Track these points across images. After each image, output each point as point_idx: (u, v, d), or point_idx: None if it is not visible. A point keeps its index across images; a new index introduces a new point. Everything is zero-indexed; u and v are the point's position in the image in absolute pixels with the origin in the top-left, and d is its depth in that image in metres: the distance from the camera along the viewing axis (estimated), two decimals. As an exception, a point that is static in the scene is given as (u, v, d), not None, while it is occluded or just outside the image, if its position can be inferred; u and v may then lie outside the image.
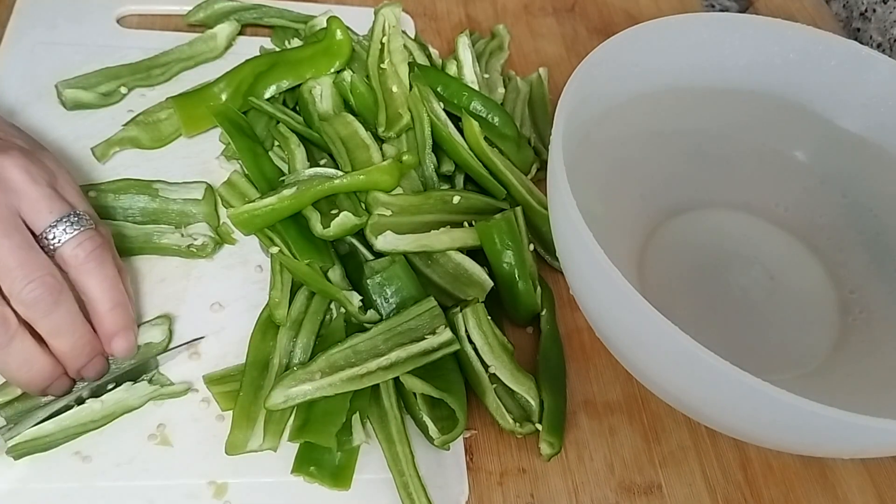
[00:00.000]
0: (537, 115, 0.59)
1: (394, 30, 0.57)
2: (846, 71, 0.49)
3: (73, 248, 0.39)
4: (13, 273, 0.37)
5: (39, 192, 0.39)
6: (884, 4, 0.74)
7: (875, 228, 0.51)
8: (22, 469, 0.38)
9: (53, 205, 0.39)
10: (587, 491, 0.43)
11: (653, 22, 0.47)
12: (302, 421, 0.41)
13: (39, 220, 0.38)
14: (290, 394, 0.40)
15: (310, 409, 0.41)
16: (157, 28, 0.59)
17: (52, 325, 0.38)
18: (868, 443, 0.34)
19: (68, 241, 0.39)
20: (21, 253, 0.37)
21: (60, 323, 0.38)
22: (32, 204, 0.38)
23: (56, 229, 0.38)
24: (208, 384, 0.42)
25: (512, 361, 0.45)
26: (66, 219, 0.39)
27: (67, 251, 0.39)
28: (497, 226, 0.47)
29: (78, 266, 0.39)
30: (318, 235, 0.46)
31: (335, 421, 0.40)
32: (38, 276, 0.37)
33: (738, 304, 0.50)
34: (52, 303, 0.37)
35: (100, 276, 0.39)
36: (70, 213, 0.39)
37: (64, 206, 0.39)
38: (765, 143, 0.53)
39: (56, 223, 0.39)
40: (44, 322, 0.38)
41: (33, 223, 0.38)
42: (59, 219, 0.39)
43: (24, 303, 0.37)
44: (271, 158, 0.51)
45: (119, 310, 0.40)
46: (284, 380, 0.41)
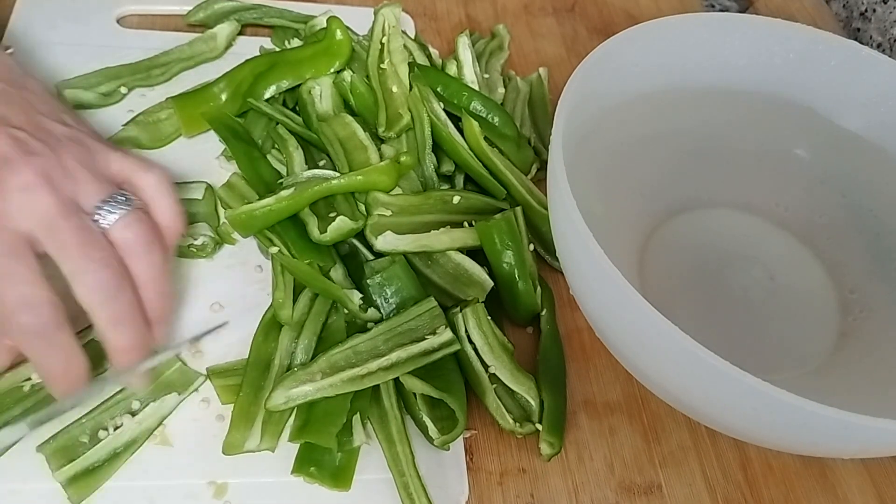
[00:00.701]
0: (537, 115, 0.59)
1: (394, 30, 0.57)
2: (846, 71, 0.49)
3: (121, 230, 0.38)
4: (75, 254, 0.36)
5: (88, 175, 0.38)
6: (884, 4, 0.74)
7: (875, 228, 0.51)
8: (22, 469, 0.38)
9: (99, 186, 0.38)
10: (587, 491, 0.43)
11: (653, 22, 0.47)
12: (302, 421, 0.41)
13: (87, 202, 0.37)
14: (290, 394, 0.40)
15: (310, 409, 0.41)
16: (157, 28, 0.59)
17: (115, 313, 0.37)
18: (868, 443, 0.34)
19: (116, 223, 0.37)
20: (81, 234, 0.36)
21: (122, 311, 0.37)
22: (81, 188, 0.37)
23: (101, 210, 0.37)
24: (212, 376, 0.43)
25: (512, 361, 0.45)
26: (111, 199, 0.38)
27: (116, 234, 0.38)
28: (497, 226, 0.47)
29: (128, 248, 0.38)
30: (316, 240, 0.46)
31: (336, 421, 0.40)
32: (99, 257, 0.36)
33: (738, 303, 0.50)
34: (115, 287, 0.36)
35: (148, 261, 0.38)
36: (114, 194, 0.38)
37: (108, 187, 0.38)
38: (765, 143, 0.53)
39: (101, 204, 0.37)
40: (106, 309, 0.36)
41: (83, 205, 0.37)
42: (104, 200, 0.38)
43: (88, 286, 0.36)
44: (268, 161, 0.51)
45: (164, 299, 0.39)
46: (285, 380, 0.41)
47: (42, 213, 0.36)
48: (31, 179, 0.36)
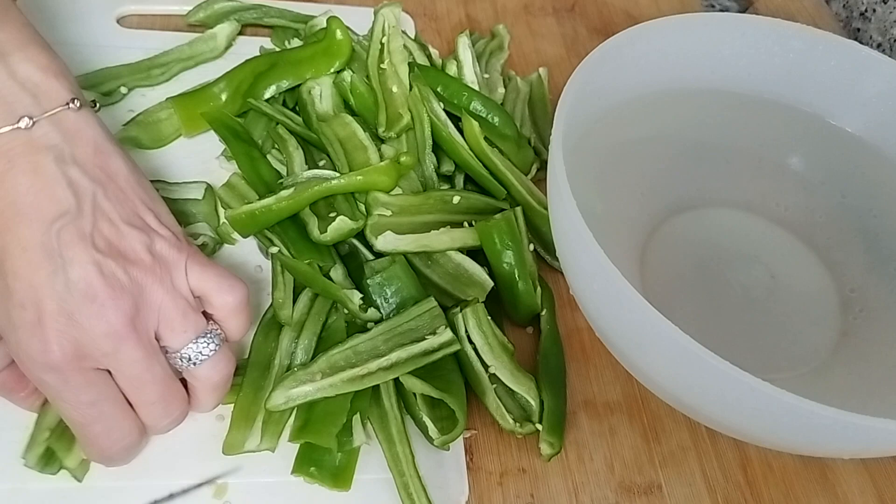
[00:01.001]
0: (537, 115, 0.59)
1: (394, 30, 0.57)
2: (846, 71, 0.49)
3: (208, 371, 0.38)
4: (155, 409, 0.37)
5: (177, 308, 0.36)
6: (884, 4, 0.74)
7: (875, 228, 0.51)
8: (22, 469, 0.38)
9: (188, 322, 0.37)
10: (587, 491, 0.43)
11: (653, 22, 0.47)
12: (302, 421, 0.41)
13: (175, 340, 0.37)
14: (290, 395, 0.40)
15: (310, 409, 0.41)
16: (157, 28, 0.59)
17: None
18: (868, 443, 0.34)
19: (202, 363, 0.37)
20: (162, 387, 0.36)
21: None
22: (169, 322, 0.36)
23: (191, 349, 0.37)
24: None
25: (512, 361, 0.45)
26: (203, 337, 0.37)
27: (203, 373, 0.38)
28: (497, 226, 0.47)
29: (209, 387, 0.39)
30: (316, 240, 0.46)
31: (336, 422, 0.40)
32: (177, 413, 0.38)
33: (738, 303, 0.50)
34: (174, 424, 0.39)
35: (219, 396, 0.40)
36: (206, 332, 0.38)
37: (200, 323, 0.37)
38: (765, 143, 0.53)
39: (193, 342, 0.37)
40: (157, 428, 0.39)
41: (167, 342, 0.37)
42: (195, 338, 0.37)
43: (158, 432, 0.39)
44: (268, 161, 0.51)
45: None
46: (285, 381, 0.41)
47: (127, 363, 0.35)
48: (119, 328, 0.34)
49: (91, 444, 0.36)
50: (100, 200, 0.36)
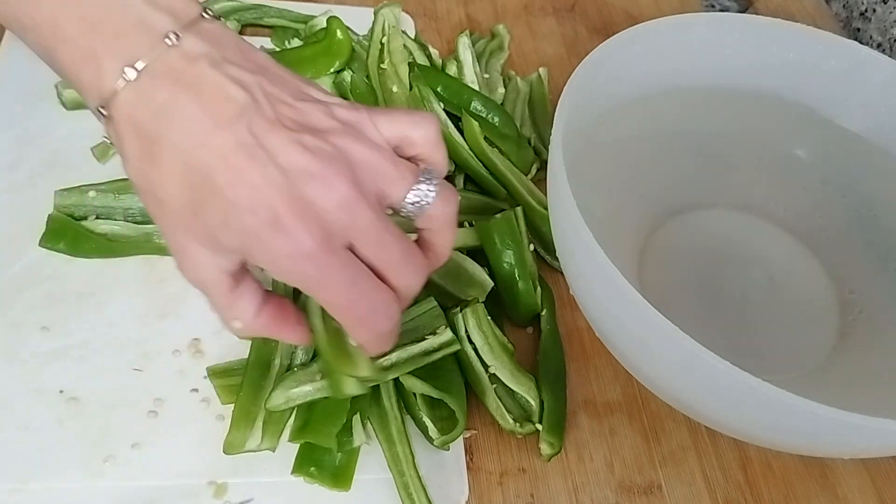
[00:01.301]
0: (537, 115, 0.59)
1: (393, 30, 0.57)
2: (846, 71, 0.49)
3: (440, 207, 0.36)
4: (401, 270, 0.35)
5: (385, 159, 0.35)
6: (884, 4, 0.74)
7: (875, 228, 0.51)
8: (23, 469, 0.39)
9: (401, 169, 0.35)
10: (587, 491, 0.43)
11: (653, 22, 0.47)
12: (302, 421, 0.41)
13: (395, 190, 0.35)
14: (290, 395, 0.40)
15: (310, 409, 0.41)
16: (157, 28, 0.59)
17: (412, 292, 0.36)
18: (868, 443, 0.34)
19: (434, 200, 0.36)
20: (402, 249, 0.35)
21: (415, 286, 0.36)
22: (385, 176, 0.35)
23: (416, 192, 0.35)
24: (211, 376, 0.43)
25: (512, 361, 0.45)
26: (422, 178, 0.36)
27: (435, 211, 0.36)
28: (497, 226, 0.47)
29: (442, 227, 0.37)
30: None
31: (336, 422, 0.40)
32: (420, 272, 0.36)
33: (737, 303, 0.50)
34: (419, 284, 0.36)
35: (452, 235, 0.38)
36: (422, 171, 0.36)
37: (411, 166, 0.36)
38: (765, 144, 0.53)
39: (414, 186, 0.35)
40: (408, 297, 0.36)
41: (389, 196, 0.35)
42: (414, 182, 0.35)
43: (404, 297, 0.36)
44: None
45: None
46: (285, 381, 0.41)
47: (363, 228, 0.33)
48: (348, 194, 0.33)
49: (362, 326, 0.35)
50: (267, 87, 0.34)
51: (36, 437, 0.40)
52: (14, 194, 0.47)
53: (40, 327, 0.43)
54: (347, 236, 0.33)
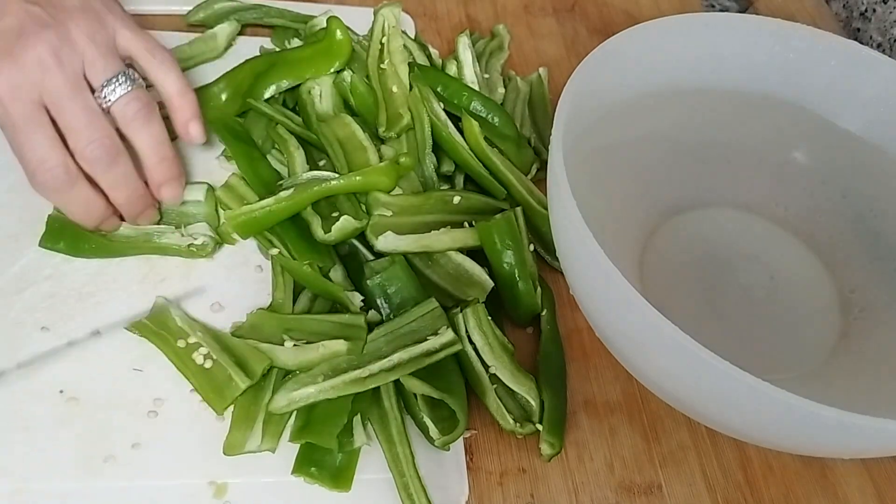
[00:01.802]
0: (537, 115, 0.59)
1: (393, 30, 0.57)
2: (846, 71, 0.49)
3: (122, 107, 0.43)
4: (79, 134, 0.41)
5: (97, 51, 0.42)
6: (884, 4, 0.74)
7: (875, 228, 0.51)
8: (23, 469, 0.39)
9: (107, 63, 0.43)
10: (587, 491, 0.43)
11: (653, 22, 0.47)
12: (303, 422, 0.41)
13: (95, 79, 0.43)
14: (293, 397, 0.40)
15: (311, 410, 0.41)
16: (157, 28, 0.59)
17: (111, 180, 0.43)
18: (868, 443, 0.34)
19: (117, 100, 0.43)
20: (85, 115, 0.42)
21: (117, 178, 0.43)
22: (90, 64, 0.42)
23: (107, 88, 0.43)
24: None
25: (512, 362, 0.45)
26: (115, 78, 0.43)
27: (117, 109, 0.43)
28: (497, 226, 0.47)
29: (127, 123, 0.43)
30: (320, 240, 0.46)
31: (336, 422, 0.40)
32: (98, 138, 0.42)
33: (738, 303, 0.50)
34: (109, 161, 0.42)
35: (146, 133, 0.44)
36: (121, 73, 0.43)
37: (116, 65, 0.43)
38: (765, 143, 0.53)
39: (107, 82, 0.43)
40: (103, 178, 0.43)
41: (91, 81, 0.43)
42: (110, 78, 0.43)
43: (87, 160, 0.42)
44: (269, 162, 0.51)
45: (166, 162, 0.45)
46: (287, 383, 0.41)
47: (53, 90, 0.41)
48: (45, 56, 0.41)
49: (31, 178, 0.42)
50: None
51: (36, 437, 0.40)
52: (14, 194, 0.47)
53: (40, 327, 0.43)
54: (37, 92, 0.41)
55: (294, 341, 0.43)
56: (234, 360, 0.42)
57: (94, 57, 0.42)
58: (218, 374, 0.41)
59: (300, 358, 0.42)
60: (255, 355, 0.42)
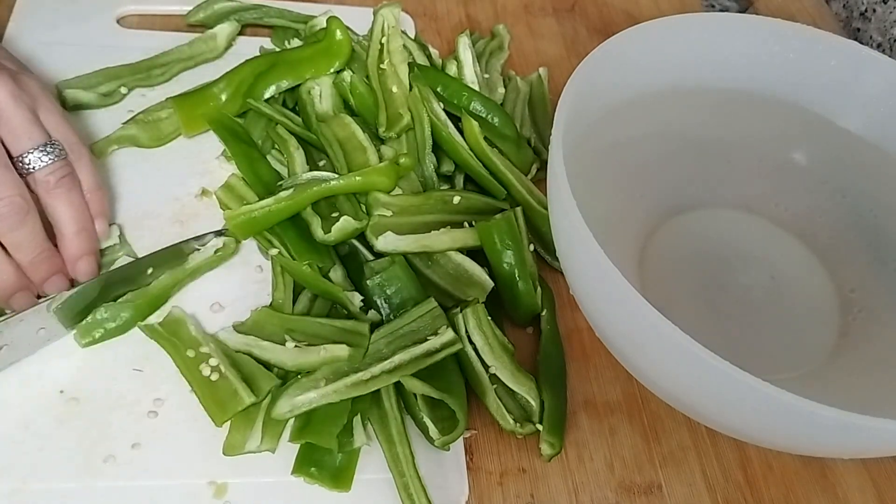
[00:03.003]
0: (537, 115, 0.59)
1: (393, 30, 0.57)
2: (846, 71, 0.49)
3: (45, 175, 0.42)
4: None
5: (21, 116, 0.42)
6: (884, 4, 0.74)
7: (875, 228, 0.51)
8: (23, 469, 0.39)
9: (33, 132, 0.42)
10: (587, 491, 0.43)
11: (653, 22, 0.47)
12: (303, 422, 0.40)
13: (17, 144, 0.41)
14: (295, 402, 0.40)
15: (311, 410, 0.41)
16: (157, 28, 0.59)
17: (15, 240, 0.41)
18: (868, 443, 0.34)
19: (42, 168, 0.42)
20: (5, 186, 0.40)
21: (23, 239, 0.41)
22: (13, 129, 0.41)
23: (32, 155, 0.42)
24: None
25: (512, 362, 0.45)
26: (42, 148, 0.42)
27: (41, 177, 0.42)
28: (497, 226, 0.47)
29: (49, 191, 0.42)
30: (320, 241, 0.46)
31: (336, 422, 0.40)
32: (7, 196, 0.40)
33: (738, 303, 0.50)
34: (18, 221, 0.41)
35: (67, 202, 0.43)
36: (46, 144, 0.42)
37: (42, 135, 0.42)
38: (765, 143, 0.53)
39: (32, 150, 0.42)
40: (8, 236, 0.41)
41: (11, 146, 0.41)
42: (36, 146, 0.42)
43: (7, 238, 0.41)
44: (268, 162, 0.51)
45: (84, 234, 0.43)
46: (289, 388, 0.41)
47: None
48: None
49: None
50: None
51: (36, 437, 0.40)
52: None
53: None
54: None
55: (295, 342, 0.42)
56: (242, 377, 0.41)
57: (17, 122, 0.41)
58: (222, 387, 0.41)
59: (300, 359, 0.42)
60: (263, 373, 0.42)
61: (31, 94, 0.43)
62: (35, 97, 0.43)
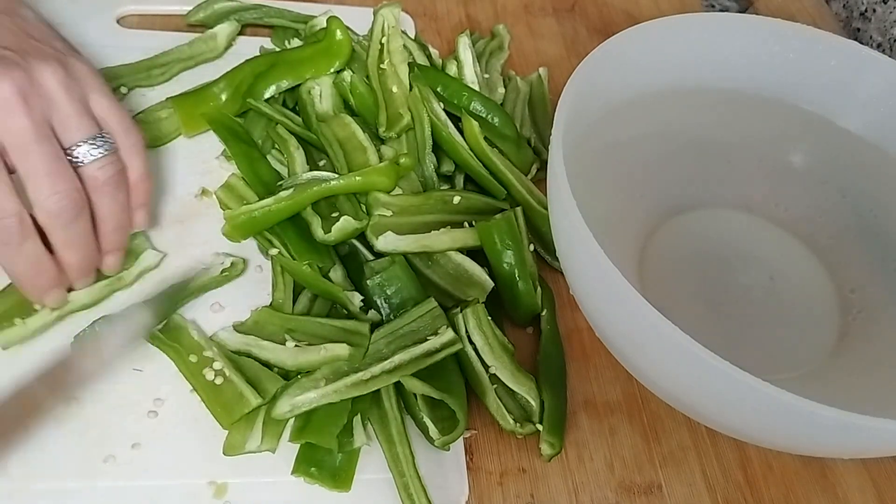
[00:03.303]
0: (537, 115, 0.59)
1: (393, 30, 0.57)
2: (846, 71, 0.49)
3: (94, 170, 0.41)
4: (41, 181, 0.38)
5: (72, 107, 0.40)
6: (884, 4, 0.74)
7: (875, 228, 0.51)
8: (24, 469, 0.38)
9: (83, 123, 0.41)
10: (587, 491, 0.43)
11: (653, 22, 0.47)
12: (303, 422, 0.41)
13: (68, 136, 0.40)
14: (295, 402, 0.40)
15: (311, 411, 0.41)
16: (157, 28, 0.59)
17: (68, 238, 0.40)
18: (868, 443, 0.34)
19: (91, 162, 0.40)
20: (52, 163, 0.39)
21: (75, 238, 0.40)
22: (63, 119, 0.40)
23: (81, 148, 0.40)
24: None
25: (512, 362, 0.45)
26: (93, 141, 0.41)
27: (89, 171, 0.41)
28: (497, 226, 0.47)
29: (96, 188, 0.41)
30: (320, 240, 0.46)
31: (336, 422, 0.40)
32: (63, 189, 0.39)
33: (738, 304, 0.50)
34: (73, 216, 0.40)
35: (112, 199, 0.42)
36: (96, 136, 0.41)
37: (92, 126, 0.41)
38: (765, 143, 0.53)
39: (82, 142, 0.40)
40: (62, 233, 0.40)
41: (61, 136, 0.40)
42: (86, 139, 0.40)
43: (48, 211, 0.39)
44: (268, 162, 0.51)
45: (120, 231, 0.43)
46: (289, 388, 0.41)
47: (16, 132, 0.38)
48: (9, 96, 0.38)
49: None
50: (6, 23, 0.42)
51: (36, 437, 0.40)
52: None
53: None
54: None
55: (296, 342, 0.42)
56: (247, 379, 0.41)
57: (68, 113, 0.40)
58: (227, 390, 0.41)
59: (300, 359, 0.42)
60: (267, 375, 0.42)
61: (82, 80, 0.42)
62: (85, 82, 0.42)
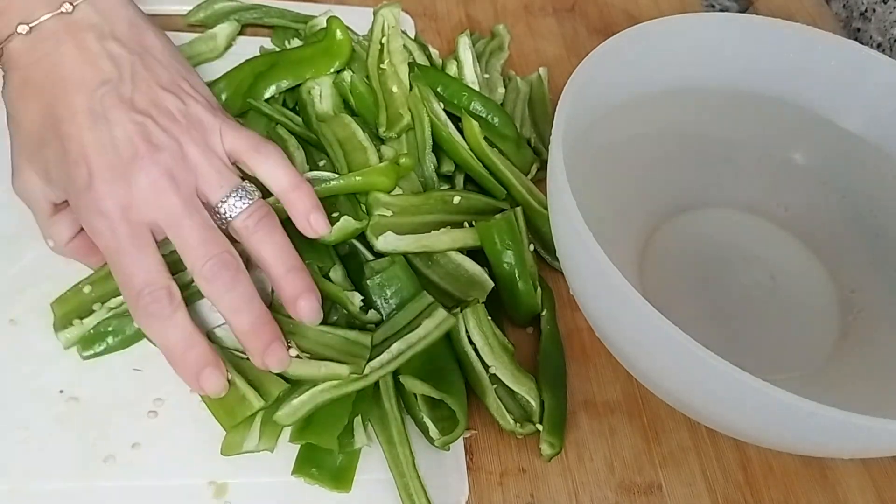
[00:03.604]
0: (537, 115, 0.59)
1: (393, 30, 0.57)
2: (846, 71, 0.49)
3: (243, 220, 0.41)
4: (196, 251, 0.39)
5: (211, 167, 0.41)
6: (884, 4, 0.74)
7: (875, 228, 0.51)
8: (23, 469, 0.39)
9: (223, 178, 0.41)
10: (587, 491, 0.43)
11: (653, 22, 0.47)
12: (304, 423, 0.40)
13: (213, 195, 0.41)
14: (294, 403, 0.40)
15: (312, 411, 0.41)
16: (157, 28, 0.59)
17: (233, 301, 0.40)
18: (868, 443, 0.34)
19: (238, 214, 0.41)
20: (202, 231, 0.39)
21: (240, 300, 0.40)
22: (206, 182, 0.41)
23: (226, 204, 0.41)
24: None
25: (512, 362, 0.45)
26: (235, 193, 0.41)
27: (238, 223, 0.41)
28: (497, 226, 0.47)
29: (249, 236, 0.41)
30: (320, 240, 0.46)
31: (337, 423, 0.40)
32: (217, 254, 0.39)
33: (738, 304, 0.50)
34: (231, 278, 0.39)
35: (270, 243, 0.41)
36: (239, 188, 0.41)
37: (232, 178, 0.41)
38: (765, 144, 0.54)
39: (227, 197, 0.41)
40: (226, 298, 0.39)
41: (208, 199, 0.41)
42: (229, 193, 0.41)
43: (206, 278, 0.39)
44: (269, 161, 0.51)
45: (295, 272, 0.41)
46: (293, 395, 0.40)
47: (168, 210, 0.39)
48: (158, 178, 0.39)
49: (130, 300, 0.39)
50: (137, 69, 0.41)
51: (36, 437, 0.40)
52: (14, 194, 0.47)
53: (40, 327, 0.43)
54: (150, 214, 0.39)
55: (297, 350, 0.42)
56: (249, 381, 0.41)
57: (208, 172, 0.40)
58: (229, 392, 0.41)
59: (301, 371, 0.41)
60: (270, 378, 0.41)
61: (204, 122, 0.42)
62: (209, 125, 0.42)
